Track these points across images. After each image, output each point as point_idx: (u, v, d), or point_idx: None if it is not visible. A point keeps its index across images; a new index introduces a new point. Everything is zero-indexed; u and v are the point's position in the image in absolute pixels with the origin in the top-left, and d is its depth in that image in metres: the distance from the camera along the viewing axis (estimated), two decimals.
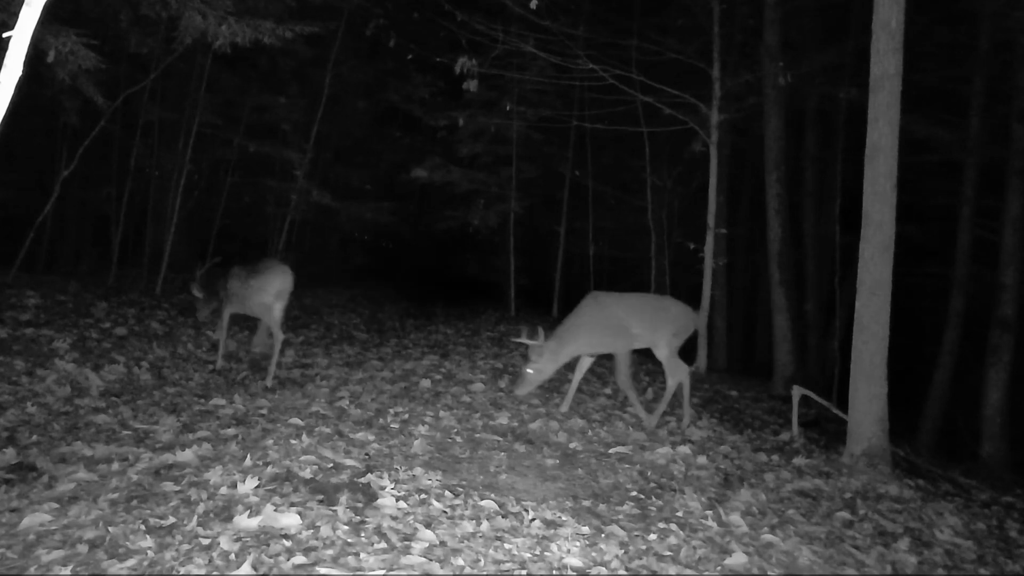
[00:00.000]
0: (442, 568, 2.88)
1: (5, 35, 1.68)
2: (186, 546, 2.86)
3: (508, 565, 2.99)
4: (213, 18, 7.30)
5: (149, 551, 2.82)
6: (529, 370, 5.57)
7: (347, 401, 5.58)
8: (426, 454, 4.45)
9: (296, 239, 14.27)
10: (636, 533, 3.58)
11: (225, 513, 3.16)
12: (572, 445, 5.10)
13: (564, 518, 3.61)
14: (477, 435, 5.04)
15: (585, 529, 3.50)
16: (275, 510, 3.16)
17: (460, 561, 2.95)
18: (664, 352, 5.79)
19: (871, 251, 5.51)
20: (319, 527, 3.07)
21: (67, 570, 2.69)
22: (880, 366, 5.47)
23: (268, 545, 2.87)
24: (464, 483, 3.96)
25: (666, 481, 4.55)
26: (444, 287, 18.80)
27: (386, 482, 3.71)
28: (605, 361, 8.81)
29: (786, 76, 9.16)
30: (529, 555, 3.12)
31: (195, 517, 3.10)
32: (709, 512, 4.04)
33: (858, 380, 5.55)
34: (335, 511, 3.26)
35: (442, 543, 3.10)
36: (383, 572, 2.79)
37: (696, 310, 6.28)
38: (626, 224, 14.98)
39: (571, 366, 6.07)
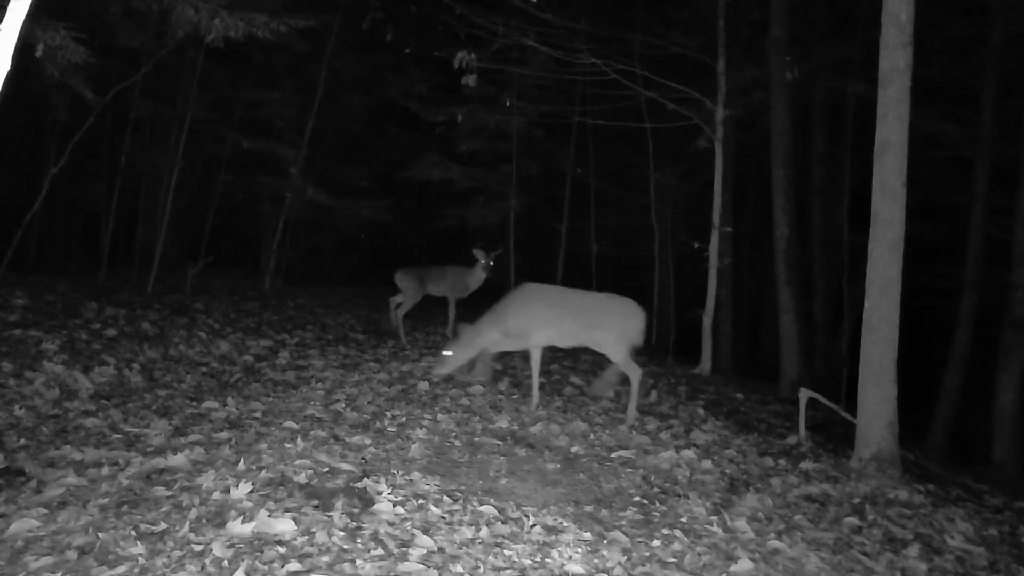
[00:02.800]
0: (440, 575, 2.86)
1: None
2: (178, 552, 2.84)
3: (508, 572, 2.97)
4: (206, 11, 7.24)
5: (140, 558, 2.81)
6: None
7: (343, 404, 5.51)
8: (424, 458, 4.40)
9: (291, 238, 14.17)
10: (639, 539, 3.55)
11: (218, 519, 3.13)
12: (574, 449, 5.05)
13: (565, 524, 3.57)
14: (476, 439, 4.99)
15: (587, 535, 3.46)
16: (269, 516, 3.13)
17: (459, 568, 2.93)
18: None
19: (880, 250, 5.44)
20: (314, 533, 3.04)
21: None
22: (889, 368, 5.40)
23: (262, 551, 2.84)
24: (463, 488, 3.92)
25: (670, 486, 4.50)
26: None
27: (383, 487, 3.67)
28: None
29: (793, 71, 9.06)
30: (530, 562, 3.09)
31: (187, 523, 3.08)
32: (714, 518, 4.01)
33: (867, 382, 5.48)
34: (331, 517, 3.23)
35: (440, 549, 3.07)
36: None
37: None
38: (629, 223, 14.86)
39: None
